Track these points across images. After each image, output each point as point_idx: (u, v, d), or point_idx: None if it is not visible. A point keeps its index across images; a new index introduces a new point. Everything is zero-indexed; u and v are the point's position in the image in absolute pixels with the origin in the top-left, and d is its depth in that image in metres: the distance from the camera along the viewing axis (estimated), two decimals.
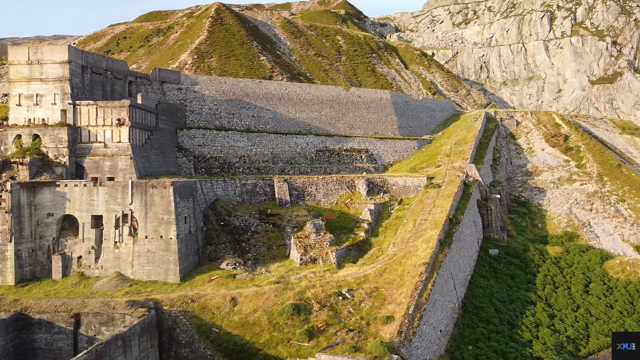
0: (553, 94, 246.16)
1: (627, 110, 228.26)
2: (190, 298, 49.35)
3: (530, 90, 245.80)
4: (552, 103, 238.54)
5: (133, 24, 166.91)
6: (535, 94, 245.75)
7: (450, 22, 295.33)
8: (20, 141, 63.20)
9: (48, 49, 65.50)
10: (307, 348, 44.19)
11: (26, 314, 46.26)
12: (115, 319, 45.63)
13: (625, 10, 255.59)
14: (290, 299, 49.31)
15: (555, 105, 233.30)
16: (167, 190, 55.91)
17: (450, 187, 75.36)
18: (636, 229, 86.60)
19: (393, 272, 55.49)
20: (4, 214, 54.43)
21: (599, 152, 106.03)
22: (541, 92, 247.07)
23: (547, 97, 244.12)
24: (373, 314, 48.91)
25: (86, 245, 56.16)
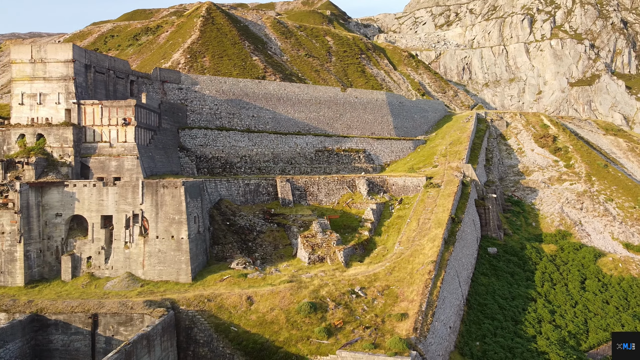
0: (534, 95, 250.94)
1: (604, 112, 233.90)
2: (206, 297, 49.57)
3: (511, 91, 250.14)
4: (532, 104, 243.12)
5: (120, 22, 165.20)
6: (516, 95, 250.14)
7: (433, 23, 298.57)
8: (24, 141, 62.45)
9: (52, 47, 64.86)
10: (326, 345, 44.86)
11: (42, 315, 45.96)
12: (133, 319, 45.65)
13: (602, 14, 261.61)
14: (306, 297, 49.91)
15: (536, 107, 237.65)
16: (178, 190, 55.97)
17: (450, 187, 76.79)
18: (625, 228, 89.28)
19: (402, 271, 56.48)
20: (12, 214, 53.85)
21: (586, 153, 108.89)
22: (522, 94, 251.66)
23: (528, 99, 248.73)
24: (387, 312, 49.80)
25: (96, 246, 55.89)
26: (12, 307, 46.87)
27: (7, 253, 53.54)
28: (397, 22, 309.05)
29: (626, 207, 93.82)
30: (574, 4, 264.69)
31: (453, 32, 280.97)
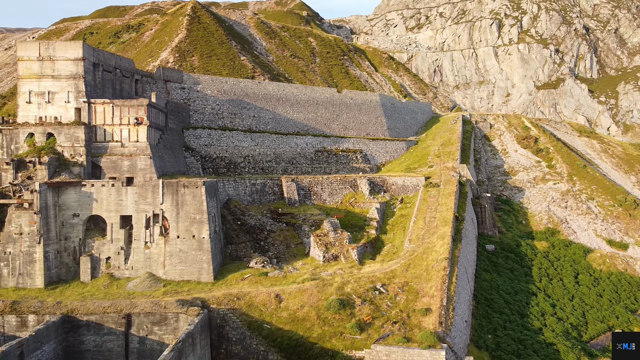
0: (502, 98, 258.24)
1: (569, 115, 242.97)
2: (235, 296, 50.12)
3: (481, 94, 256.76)
4: (501, 106, 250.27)
5: (98, 19, 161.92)
6: (485, 97, 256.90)
7: (404, 26, 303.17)
8: (33, 140, 61.32)
9: (61, 45, 63.89)
10: (360, 340, 46.19)
11: (73, 316, 45.60)
12: (168, 319, 45.84)
13: (566, 20, 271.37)
14: (333, 294, 51.09)
15: (505, 109, 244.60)
16: (199, 189, 56.22)
17: (449, 187, 79.27)
18: (606, 225, 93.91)
19: (417, 267, 58.32)
20: (31, 214, 52.99)
21: (566, 154, 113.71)
22: (491, 96, 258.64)
23: (497, 101, 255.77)
24: (410, 307, 51.50)
25: (115, 246, 55.54)
26: (41, 308, 46.31)
27: (26, 254, 52.65)
28: (369, 24, 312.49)
29: (606, 205, 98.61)
30: (539, 10, 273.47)
31: (424, 34, 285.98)
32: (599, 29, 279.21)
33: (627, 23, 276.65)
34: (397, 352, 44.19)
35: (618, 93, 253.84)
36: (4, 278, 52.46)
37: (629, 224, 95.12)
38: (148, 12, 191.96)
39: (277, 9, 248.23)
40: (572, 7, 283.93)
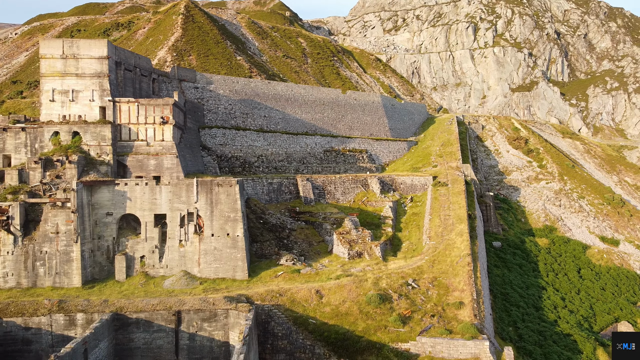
0: (479, 100, 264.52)
1: (542, 117, 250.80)
2: (277, 292, 51.14)
3: (458, 95, 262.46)
4: (477, 108, 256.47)
5: (82, 16, 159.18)
6: (462, 99, 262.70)
7: (381, 28, 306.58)
8: (59, 138, 60.86)
9: (84, 43, 63.51)
10: (404, 333, 47.93)
11: (122, 314, 45.86)
12: (218, 315, 46.58)
13: (538, 25, 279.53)
14: (371, 289, 52.69)
15: (481, 110, 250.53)
16: (233, 188, 56.97)
17: (457, 186, 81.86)
18: (598, 222, 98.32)
19: (442, 263, 60.48)
20: (68, 213, 52.77)
21: (555, 154, 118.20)
22: (468, 98, 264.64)
23: (473, 103, 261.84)
24: (443, 301, 53.54)
25: (149, 245, 55.77)
26: (88, 307, 46.38)
27: (63, 253, 52.42)
28: (347, 25, 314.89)
29: (596, 203, 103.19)
30: (513, 14, 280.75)
31: (401, 37, 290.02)
32: (569, 34, 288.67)
33: (595, 29, 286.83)
34: (442, 343, 46.15)
35: (588, 96, 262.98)
36: (40, 277, 52.11)
37: (618, 222, 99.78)
38: (129, 10, 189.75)
39: (256, 8, 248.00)
40: (544, 12, 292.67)
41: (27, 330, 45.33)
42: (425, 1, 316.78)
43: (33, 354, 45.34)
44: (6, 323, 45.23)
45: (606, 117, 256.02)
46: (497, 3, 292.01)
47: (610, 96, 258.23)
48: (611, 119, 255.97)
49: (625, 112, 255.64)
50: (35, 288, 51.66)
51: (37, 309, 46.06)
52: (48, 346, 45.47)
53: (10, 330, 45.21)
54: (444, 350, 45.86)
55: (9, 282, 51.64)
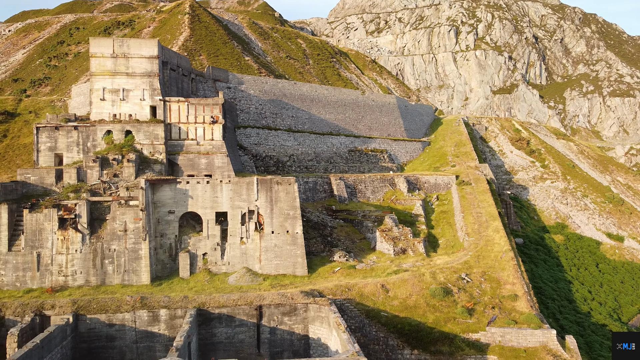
0: (461, 102, 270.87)
1: (522, 118, 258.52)
2: (345, 287, 52.79)
3: (441, 97, 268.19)
4: (460, 110, 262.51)
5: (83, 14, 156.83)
6: (445, 101, 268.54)
7: (364, 30, 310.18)
8: (111, 137, 61.10)
9: (135, 42, 63.80)
10: (472, 324, 50.28)
11: (205, 310, 46.75)
12: (297, 309, 47.95)
13: (517, 29, 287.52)
14: (432, 283, 54.90)
15: (464, 112, 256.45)
16: (292, 186, 58.34)
17: (481, 185, 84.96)
18: (603, 220, 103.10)
19: (486, 258, 63.15)
20: (136, 211, 53.20)
21: (556, 155, 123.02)
22: (451, 100, 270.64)
23: (456, 104, 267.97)
24: (498, 294, 56.15)
25: (211, 242, 56.60)
26: (170, 303, 47.09)
27: (131, 251, 52.84)
28: (330, 26, 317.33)
29: (599, 202, 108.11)
30: (493, 18, 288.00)
31: (385, 39, 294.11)
32: (546, 38, 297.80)
33: (571, 34, 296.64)
34: (511, 333, 48.69)
35: (565, 99, 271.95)
36: (109, 275, 52.41)
37: (620, 219, 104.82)
38: (117, 8, 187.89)
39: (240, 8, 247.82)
40: (522, 17, 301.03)
41: (111, 327, 45.79)
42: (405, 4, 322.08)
43: (117, 350, 45.82)
44: (90, 320, 45.60)
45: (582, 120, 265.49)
46: (478, 7, 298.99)
47: (586, 99, 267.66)
48: (587, 121, 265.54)
49: (601, 114, 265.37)
50: (104, 286, 51.94)
51: (120, 305, 46.53)
52: (132, 342, 46.05)
53: (94, 327, 45.60)
54: (513, 340, 48.38)
55: (78, 280, 51.80)
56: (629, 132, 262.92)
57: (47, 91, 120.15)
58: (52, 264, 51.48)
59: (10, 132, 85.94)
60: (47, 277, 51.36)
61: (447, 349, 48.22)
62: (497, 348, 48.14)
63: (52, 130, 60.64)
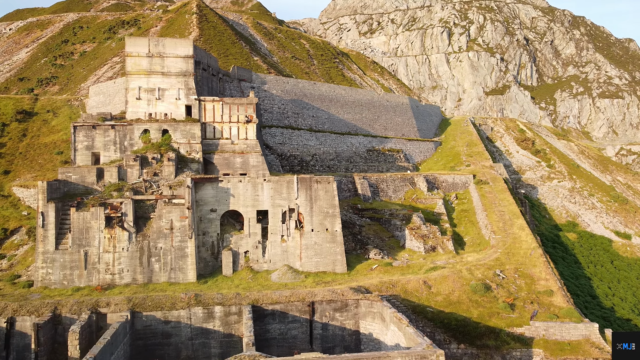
0: (455, 102, 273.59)
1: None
2: (390, 283, 53.79)
3: (435, 98, 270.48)
4: (454, 110, 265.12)
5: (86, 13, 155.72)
6: (439, 101, 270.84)
7: (357, 30, 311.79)
8: (148, 136, 61.38)
9: (170, 42, 64.14)
10: (515, 319, 51.64)
11: (258, 306, 47.37)
12: (348, 305, 48.81)
13: (509, 31, 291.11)
14: (472, 279, 56.17)
15: (457, 113, 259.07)
16: (330, 185, 59.19)
17: (499, 184, 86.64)
18: (610, 218, 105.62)
19: (516, 255, 64.61)
20: (182, 209, 53.56)
21: (560, 155, 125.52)
22: (444, 100, 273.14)
23: (449, 105, 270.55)
24: (533, 289, 57.60)
25: (252, 240, 57.18)
26: (224, 300, 47.61)
27: (178, 249, 53.19)
28: (323, 27, 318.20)
29: (605, 201, 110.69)
30: (485, 20, 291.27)
31: (378, 40, 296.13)
32: (537, 40, 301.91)
33: (560, 36, 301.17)
34: (555, 327, 50.12)
35: (556, 100, 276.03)
36: (155, 273, 52.70)
37: (626, 217, 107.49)
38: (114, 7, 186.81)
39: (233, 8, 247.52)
40: (514, 19, 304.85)
41: (167, 324, 46.17)
42: (397, 5, 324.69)
43: (172, 347, 46.22)
44: (146, 317, 45.93)
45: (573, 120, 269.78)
46: (469, 9, 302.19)
47: (576, 100, 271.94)
48: (577, 122, 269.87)
49: (590, 115, 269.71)
50: (151, 284, 52.22)
51: (175, 302, 46.93)
52: (187, 339, 46.48)
53: (150, 324, 45.95)
54: (556, 333, 49.81)
55: (125, 278, 52.04)
56: (618, 132, 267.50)
57: (56, 90, 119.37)
58: (99, 262, 51.65)
59: (30, 131, 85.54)
60: (94, 276, 51.51)
61: (493, 343, 49.48)
62: (542, 342, 49.53)
63: (89, 129, 60.68)
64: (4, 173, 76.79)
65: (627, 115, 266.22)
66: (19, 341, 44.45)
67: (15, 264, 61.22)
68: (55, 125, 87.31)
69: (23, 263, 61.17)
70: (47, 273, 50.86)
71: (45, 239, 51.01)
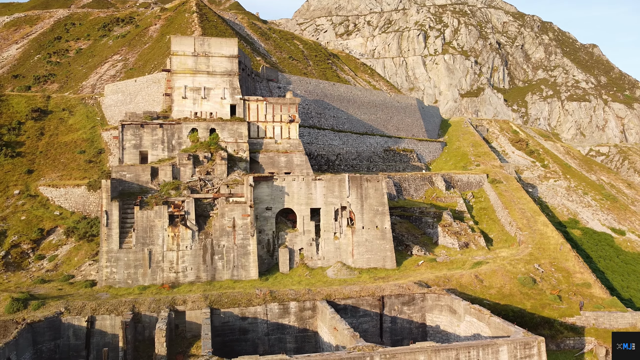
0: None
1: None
2: (445, 278, 55.83)
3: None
4: None
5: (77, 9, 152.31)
6: None
7: (334, 32, 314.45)
8: (196, 135, 61.61)
9: (215, 41, 64.42)
10: (565, 309, 54.49)
11: (332, 301, 48.54)
12: (415, 299, 50.54)
13: (482, 35, 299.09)
14: (519, 273, 58.82)
15: None
16: (380, 183, 60.82)
17: (512, 183, 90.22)
18: (605, 215, 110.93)
19: (547, 250, 67.83)
20: (245, 207, 54.12)
21: (552, 155, 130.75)
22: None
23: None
24: (571, 282, 60.77)
25: (307, 238, 58.21)
26: (298, 296, 48.54)
27: (240, 247, 53.75)
28: (299, 27, 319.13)
29: (598, 199, 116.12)
30: (459, 24, 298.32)
31: (355, 41, 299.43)
32: (508, 44, 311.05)
33: (530, 40, 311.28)
34: (604, 316, 53.22)
35: (527, 102, 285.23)
36: (218, 271, 53.12)
37: (618, 215, 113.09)
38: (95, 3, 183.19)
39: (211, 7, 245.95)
40: (486, 23, 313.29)
41: (244, 320, 46.79)
42: (372, 8, 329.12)
43: (249, 342, 46.87)
44: (224, 314, 46.44)
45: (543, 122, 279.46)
46: (444, 13, 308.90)
47: (546, 103, 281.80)
48: (548, 124, 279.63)
49: (560, 118, 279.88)
50: (215, 281, 52.64)
51: (250, 299, 47.59)
52: (263, 334, 47.23)
53: (228, 321, 46.48)
54: (605, 322, 52.89)
55: (188, 276, 52.28)
56: (586, 134, 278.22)
57: (55, 88, 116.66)
58: (163, 261, 51.73)
59: (47, 129, 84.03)
60: (158, 274, 51.56)
61: (548, 332, 52.12)
62: (593, 330, 52.53)
63: (137, 128, 60.42)
64: (27, 172, 75.33)
65: (594, 118, 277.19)
66: (98, 340, 44.29)
67: (59, 264, 60.44)
68: (73, 124, 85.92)
69: (68, 263, 60.46)
70: (111, 272, 50.62)
71: (109, 238, 50.76)
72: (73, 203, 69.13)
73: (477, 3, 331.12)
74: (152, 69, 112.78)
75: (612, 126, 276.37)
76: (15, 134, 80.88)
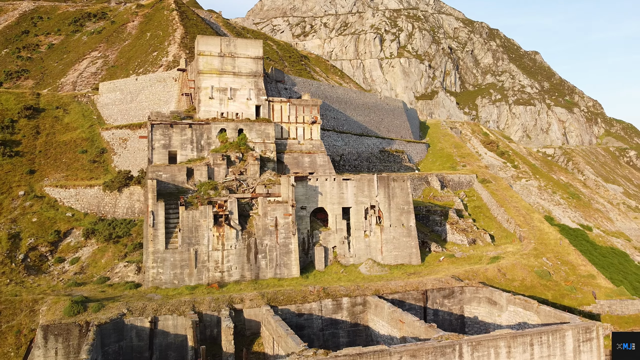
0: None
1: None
2: (472, 272, 59.01)
3: None
4: None
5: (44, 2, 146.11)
6: None
7: (291, 32, 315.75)
8: (225, 135, 61.96)
9: (242, 42, 64.87)
10: (580, 299, 58.96)
11: (381, 296, 50.53)
12: (454, 292, 53.34)
13: (435, 40, 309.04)
14: (535, 266, 62.94)
15: None
16: (405, 183, 63.37)
17: (501, 182, 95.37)
18: (574, 213, 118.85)
19: (549, 245, 72.70)
20: (286, 207, 55.12)
21: (520, 156, 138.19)
22: None
23: None
24: (578, 273, 65.64)
25: (339, 236, 59.91)
26: (348, 292, 50.16)
27: (282, 245, 54.72)
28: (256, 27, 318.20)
29: (565, 197, 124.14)
30: (413, 28, 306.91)
31: (312, 43, 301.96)
32: (459, 50, 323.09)
33: (479, 46, 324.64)
34: (616, 304, 58.09)
35: (477, 106, 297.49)
36: (262, 270, 53.89)
37: (584, 212, 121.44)
38: None
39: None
40: (439, 29, 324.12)
41: (300, 317, 47.98)
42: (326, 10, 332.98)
43: (305, 338, 47.84)
44: (281, 311, 47.41)
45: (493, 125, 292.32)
46: (399, 17, 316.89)
47: (495, 106, 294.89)
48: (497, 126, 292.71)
49: (508, 120, 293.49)
50: (260, 280, 53.39)
51: (305, 296, 48.81)
52: (318, 330, 48.57)
53: (285, 317, 47.39)
54: (617, 309, 57.77)
55: (233, 275, 52.78)
56: (531, 137, 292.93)
57: (31, 84, 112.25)
58: (209, 261, 51.99)
59: (42, 128, 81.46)
60: (203, 274, 51.79)
61: None
62: (607, 317, 57.23)
63: (166, 128, 60.05)
64: (29, 173, 72.96)
65: (539, 121, 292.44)
66: (161, 340, 44.25)
67: (85, 266, 59.26)
68: (69, 123, 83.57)
69: (94, 265, 59.37)
70: (157, 273, 50.39)
71: (156, 239, 50.51)
72: (85, 204, 67.68)
73: (427, 8, 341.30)
74: (137, 66, 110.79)
75: (555, 129, 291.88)
76: (9, 132, 77.85)
